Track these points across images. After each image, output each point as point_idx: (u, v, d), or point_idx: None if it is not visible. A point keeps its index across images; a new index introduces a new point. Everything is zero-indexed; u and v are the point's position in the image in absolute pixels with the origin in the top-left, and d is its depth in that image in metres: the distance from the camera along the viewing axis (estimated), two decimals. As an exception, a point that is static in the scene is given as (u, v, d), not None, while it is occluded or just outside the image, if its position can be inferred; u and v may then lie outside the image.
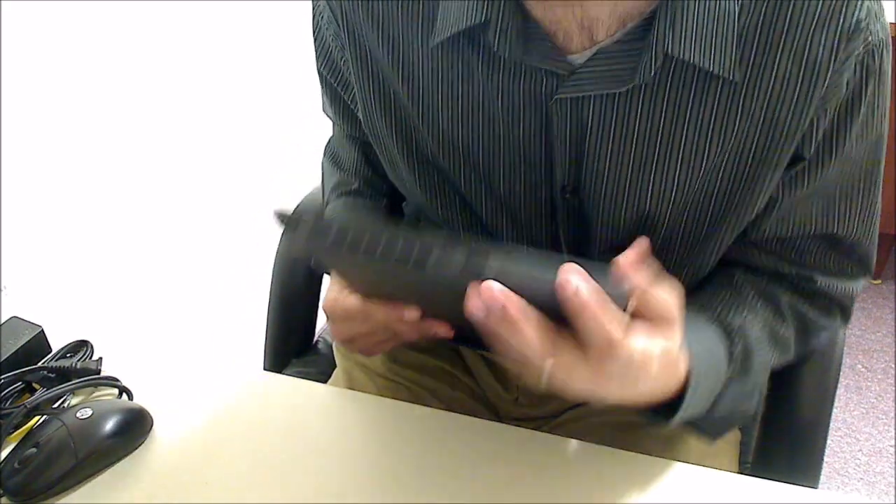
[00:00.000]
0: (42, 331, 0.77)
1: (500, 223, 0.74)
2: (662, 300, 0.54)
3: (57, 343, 0.78)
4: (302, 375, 0.97)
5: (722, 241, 0.71)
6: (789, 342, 0.74)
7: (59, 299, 1.24)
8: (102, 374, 0.76)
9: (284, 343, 1.07)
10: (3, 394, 0.71)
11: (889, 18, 0.66)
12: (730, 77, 0.62)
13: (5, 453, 0.67)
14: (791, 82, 0.62)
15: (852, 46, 0.61)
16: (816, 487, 0.87)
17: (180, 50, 1.44)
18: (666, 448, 0.79)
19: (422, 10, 0.67)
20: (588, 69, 0.63)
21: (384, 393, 0.84)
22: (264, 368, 1.05)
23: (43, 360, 0.76)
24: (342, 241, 0.52)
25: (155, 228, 1.44)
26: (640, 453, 0.68)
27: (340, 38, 0.73)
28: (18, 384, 0.73)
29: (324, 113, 0.89)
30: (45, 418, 0.69)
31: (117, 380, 0.75)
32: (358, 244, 0.52)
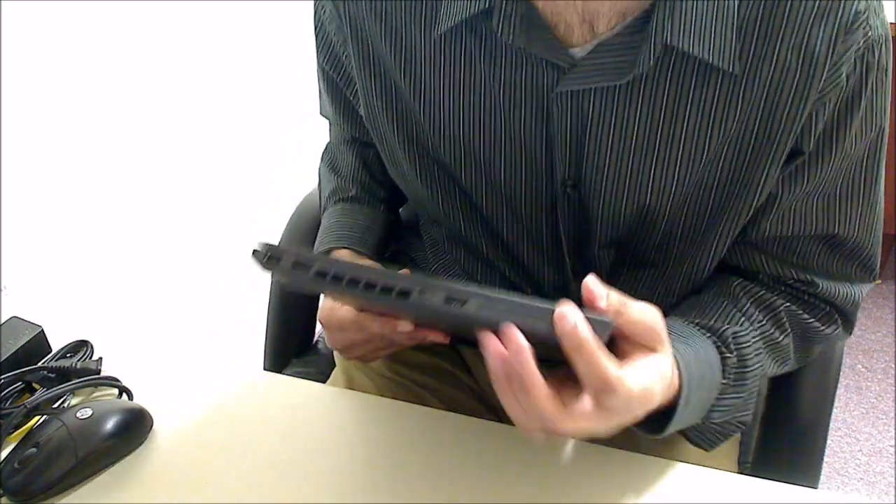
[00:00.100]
0: (42, 331, 0.77)
1: (501, 216, 0.74)
2: (641, 313, 0.54)
3: (57, 343, 0.78)
4: (302, 375, 0.97)
5: (721, 237, 0.70)
6: (788, 351, 0.73)
7: (59, 299, 1.24)
8: (102, 374, 0.76)
9: (284, 343, 1.07)
10: (3, 394, 0.71)
11: (889, 18, 0.66)
12: (729, 69, 0.62)
13: (5, 453, 0.67)
14: (790, 74, 0.63)
15: (851, 40, 0.62)
16: (816, 487, 0.87)
17: (180, 50, 1.44)
18: (666, 448, 0.78)
19: (425, 1, 0.68)
20: (589, 62, 0.63)
21: (384, 392, 0.84)
22: (264, 368, 1.05)
23: (43, 360, 0.76)
24: (325, 275, 0.54)
25: (155, 228, 1.44)
26: (640, 453, 0.68)
27: (343, 32, 0.73)
28: (18, 384, 0.73)
29: (322, 116, 0.89)
30: (45, 418, 0.69)
31: (117, 380, 0.75)
32: (341, 278, 0.53)
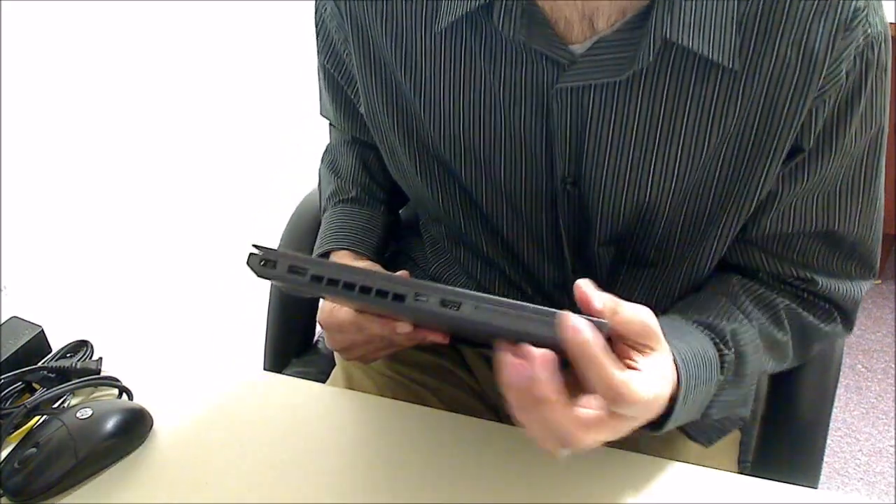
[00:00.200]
0: (42, 331, 0.77)
1: (501, 213, 0.74)
2: (634, 312, 0.54)
3: (57, 343, 0.78)
4: (302, 375, 0.97)
5: (721, 235, 0.70)
6: (787, 348, 0.73)
7: (59, 299, 1.24)
8: (102, 374, 0.76)
9: (284, 343, 1.07)
10: (3, 394, 0.71)
11: (889, 18, 0.66)
12: (729, 65, 0.62)
13: (5, 453, 0.67)
14: (790, 70, 0.63)
15: (851, 37, 0.62)
16: (816, 487, 0.87)
17: (180, 50, 1.44)
18: (665, 447, 0.78)
19: None
20: (589, 58, 0.63)
21: (384, 391, 0.84)
22: (264, 368, 1.05)
23: (43, 360, 0.76)
24: (320, 279, 0.54)
25: (155, 228, 1.44)
26: (640, 453, 0.68)
27: (344, 29, 0.73)
28: (18, 384, 0.73)
29: (322, 116, 0.89)
30: (45, 418, 0.69)
31: (117, 380, 0.75)
32: (336, 281, 0.54)
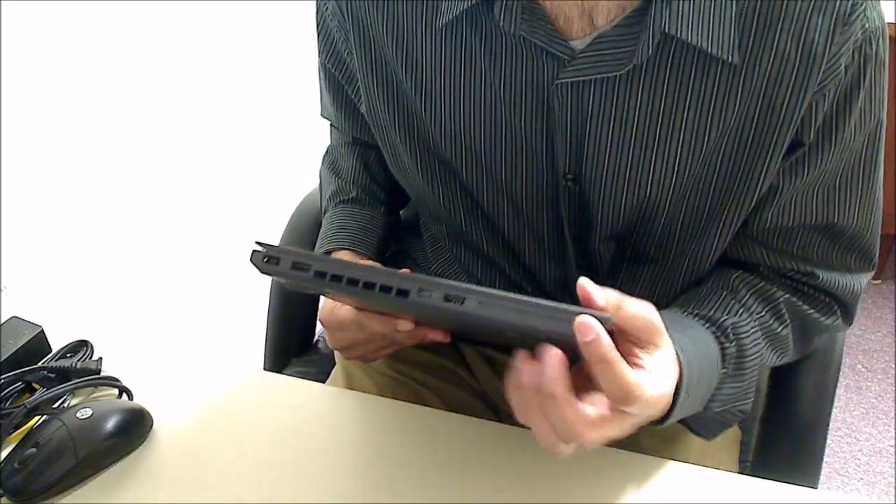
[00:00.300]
0: (42, 331, 0.77)
1: (502, 212, 0.74)
2: (637, 308, 0.55)
3: (57, 343, 0.78)
4: (302, 375, 0.97)
5: (722, 231, 0.71)
6: (787, 341, 0.74)
7: (59, 299, 1.24)
8: (102, 374, 0.76)
9: (284, 343, 1.07)
10: (3, 394, 0.71)
11: (889, 19, 0.67)
12: (729, 59, 0.62)
13: (5, 453, 0.67)
14: (789, 65, 0.63)
15: (849, 32, 0.62)
16: (816, 487, 0.87)
17: (180, 50, 1.44)
18: (666, 446, 0.79)
19: None
20: (589, 54, 0.64)
21: (384, 390, 0.84)
22: (264, 368, 1.05)
23: (43, 360, 0.76)
24: (324, 275, 0.54)
25: (155, 228, 1.44)
26: (640, 453, 0.68)
27: (345, 28, 0.73)
28: (18, 384, 0.73)
29: (322, 117, 0.89)
30: (45, 418, 0.69)
31: (117, 380, 0.75)
32: (340, 277, 0.54)
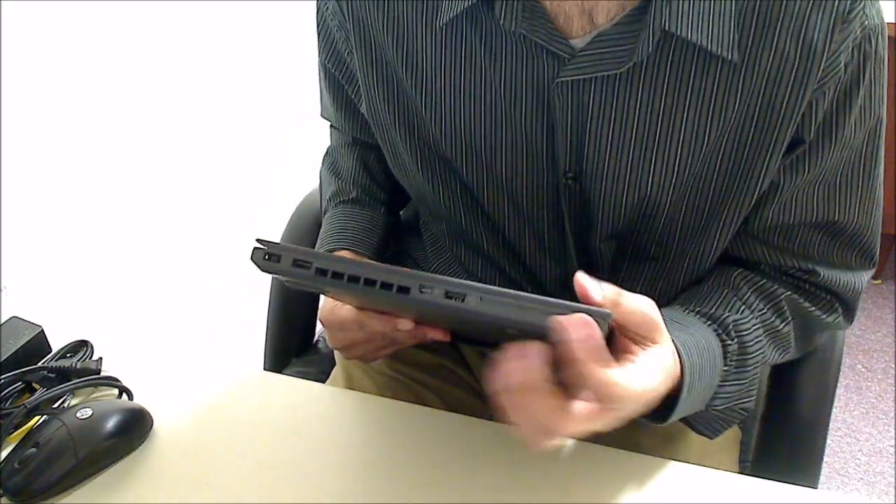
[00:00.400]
0: (42, 331, 0.77)
1: (502, 210, 0.74)
2: (637, 303, 0.54)
3: (57, 343, 0.78)
4: (302, 375, 0.97)
5: (723, 229, 0.71)
6: (789, 339, 0.74)
7: (59, 299, 1.24)
8: (102, 374, 0.76)
9: (284, 343, 1.07)
10: (3, 394, 0.71)
11: (889, 19, 0.67)
12: (728, 57, 0.62)
13: (5, 453, 0.67)
14: (789, 62, 0.63)
15: (848, 29, 0.62)
16: (816, 487, 0.87)
17: (180, 50, 1.44)
18: (666, 446, 0.79)
19: None
20: (589, 52, 0.64)
21: (384, 390, 0.84)
22: (264, 368, 1.05)
23: (43, 360, 0.76)
24: (325, 272, 0.54)
25: (155, 228, 1.44)
26: (640, 453, 0.68)
27: (346, 28, 0.73)
28: (18, 384, 0.73)
29: (322, 117, 0.89)
30: (45, 418, 0.69)
31: (117, 380, 0.75)
32: (340, 275, 0.54)
